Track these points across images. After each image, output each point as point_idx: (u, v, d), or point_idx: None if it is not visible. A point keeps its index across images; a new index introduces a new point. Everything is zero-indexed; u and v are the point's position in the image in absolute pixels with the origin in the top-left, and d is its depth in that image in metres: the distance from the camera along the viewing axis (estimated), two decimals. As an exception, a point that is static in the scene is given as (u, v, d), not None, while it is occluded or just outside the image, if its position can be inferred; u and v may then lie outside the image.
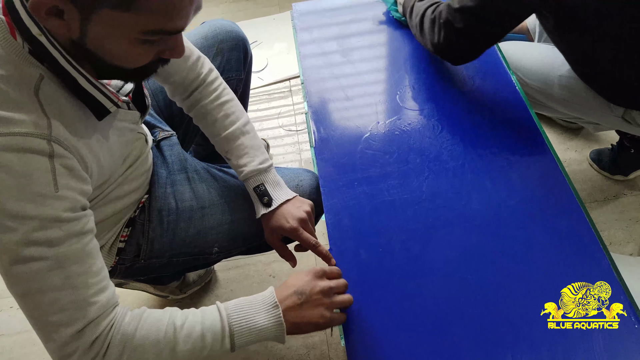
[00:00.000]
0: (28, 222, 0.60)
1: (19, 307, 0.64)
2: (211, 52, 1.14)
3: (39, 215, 0.60)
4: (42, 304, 0.62)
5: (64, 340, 0.63)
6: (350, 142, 1.06)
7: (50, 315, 0.63)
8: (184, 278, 1.39)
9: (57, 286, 0.62)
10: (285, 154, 1.73)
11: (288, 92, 1.97)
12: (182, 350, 0.69)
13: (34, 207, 0.60)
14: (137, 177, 0.92)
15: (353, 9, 1.36)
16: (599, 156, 1.60)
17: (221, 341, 0.71)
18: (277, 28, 2.23)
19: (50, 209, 0.61)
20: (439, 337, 0.79)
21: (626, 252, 1.43)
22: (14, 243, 0.60)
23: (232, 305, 0.75)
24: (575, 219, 0.89)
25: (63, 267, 0.63)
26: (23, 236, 0.60)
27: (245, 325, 0.73)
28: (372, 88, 1.17)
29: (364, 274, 0.86)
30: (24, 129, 0.60)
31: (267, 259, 1.49)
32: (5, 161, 0.58)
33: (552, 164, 0.98)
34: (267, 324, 0.74)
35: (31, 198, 0.60)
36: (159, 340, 0.68)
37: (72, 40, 0.62)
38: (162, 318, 0.70)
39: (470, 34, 1.02)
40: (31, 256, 0.61)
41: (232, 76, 1.18)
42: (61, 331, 0.63)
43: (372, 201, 0.96)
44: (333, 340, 1.32)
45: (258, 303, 0.76)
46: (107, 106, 0.69)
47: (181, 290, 1.39)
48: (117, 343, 0.66)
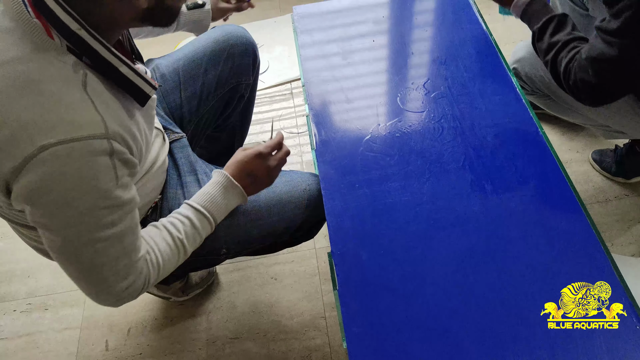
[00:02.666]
0: (96, 213, 0.67)
1: (21, 311, 0.66)
2: (222, 56, 1.16)
3: (105, 206, 0.68)
4: (102, 272, 0.73)
5: (118, 290, 0.75)
6: (351, 144, 1.06)
7: (109, 277, 0.73)
8: (187, 280, 1.40)
9: (116, 257, 0.72)
10: (286, 157, 1.74)
11: (289, 94, 1.98)
12: (188, 248, 0.87)
13: (101, 201, 0.67)
14: (157, 176, 0.96)
15: (353, 12, 1.37)
16: (600, 157, 1.60)
17: (209, 227, 0.90)
18: (278, 31, 2.23)
19: (114, 199, 0.69)
20: (440, 338, 0.79)
21: (628, 253, 1.43)
22: (83, 232, 0.68)
23: (204, 201, 0.90)
24: (576, 219, 0.90)
25: (122, 241, 0.72)
26: (92, 225, 0.68)
27: (221, 209, 0.92)
28: (372, 90, 1.17)
29: (365, 276, 0.87)
30: (85, 132, 0.63)
31: (268, 261, 1.49)
32: (74, 169, 0.63)
33: (553, 165, 0.98)
34: (234, 202, 0.94)
35: (98, 194, 0.67)
36: (175, 255, 0.85)
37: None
38: (170, 241, 0.84)
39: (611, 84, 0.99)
40: (98, 238, 0.69)
41: (242, 80, 1.20)
42: (117, 285, 0.75)
43: (373, 203, 0.96)
44: (335, 343, 1.32)
45: (221, 190, 0.91)
46: (146, 91, 0.74)
47: (184, 292, 1.40)
48: (153, 273, 0.80)
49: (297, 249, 1.50)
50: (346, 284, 0.86)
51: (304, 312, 1.38)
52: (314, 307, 1.39)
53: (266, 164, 0.94)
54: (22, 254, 1.56)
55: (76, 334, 1.39)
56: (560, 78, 1.05)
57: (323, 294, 1.41)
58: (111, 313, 1.42)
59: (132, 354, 1.35)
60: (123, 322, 1.41)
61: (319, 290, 1.42)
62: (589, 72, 0.97)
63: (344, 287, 0.85)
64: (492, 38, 1.23)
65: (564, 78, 1.03)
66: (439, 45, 1.24)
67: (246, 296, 1.43)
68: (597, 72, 0.96)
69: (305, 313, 1.38)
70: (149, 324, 1.40)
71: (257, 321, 1.38)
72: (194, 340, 1.36)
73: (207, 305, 1.42)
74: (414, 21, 1.32)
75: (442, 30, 1.28)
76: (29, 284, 1.50)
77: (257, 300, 1.42)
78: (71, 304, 1.45)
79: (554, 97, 1.32)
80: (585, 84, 0.99)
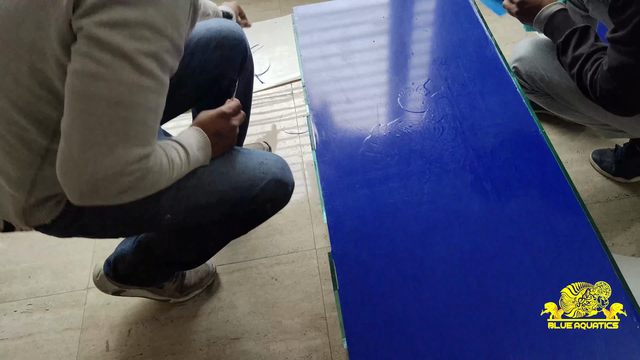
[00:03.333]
0: (162, 40, 0.67)
1: (22, 312, 0.65)
2: (211, 44, 1.16)
3: (172, 38, 0.68)
4: (130, 117, 0.68)
5: (130, 158, 0.69)
6: (351, 144, 1.06)
7: (131, 130, 0.69)
8: (182, 280, 1.40)
9: (151, 108, 0.70)
10: (287, 157, 1.74)
11: (290, 95, 1.98)
12: (182, 167, 0.86)
13: (172, 30, 0.68)
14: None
15: (353, 12, 1.37)
16: (601, 157, 1.60)
17: (187, 169, 0.88)
18: (279, 31, 2.24)
19: (179, 37, 0.70)
20: (440, 339, 0.79)
21: (628, 252, 1.43)
22: (142, 52, 0.66)
23: (187, 145, 0.88)
24: (576, 219, 0.90)
25: (161, 94, 0.71)
26: (154, 49, 0.67)
27: (195, 163, 0.91)
28: (373, 91, 1.17)
29: (366, 276, 0.87)
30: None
31: (269, 261, 1.49)
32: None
33: (553, 165, 0.98)
34: (202, 160, 0.93)
35: (172, 21, 0.68)
36: (178, 165, 0.84)
37: None
38: (171, 159, 0.82)
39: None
40: (150, 70, 0.67)
41: (227, 74, 1.21)
42: (133, 149, 0.69)
43: (374, 203, 0.96)
44: (335, 343, 1.32)
45: (200, 145, 0.92)
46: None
47: (181, 292, 1.40)
48: (165, 163, 0.78)
49: (298, 249, 1.50)
50: (346, 284, 0.86)
51: (305, 313, 1.38)
52: (315, 307, 1.39)
53: (230, 123, 0.97)
54: (22, 254, 1.56)
55: (77, 334, 1.40)
56: (587, 91, 1.05)
57: (324, 294, 1.41)
58: (112, 314, 1.42)
59: (132, 354, 1.35)
60: (124, 322, 1.41)
61: (320, 290, 1.42)
62: (612, 83, 0.97)
63: (345, 288, 0.86)
64: (492, 38, 1.23)
65: (591, 90, 1.03)
66: (439, 46, 1.24)
67: (246, 296, 1.43)
68: (620, 82, 0.97)
69: (306, 313, 1.38)
70: (149, 324, 1.40)
71: (257, 322, 1.38)
72: (195, 341, 1.36)
73: (207, 305, 1.42)
74: (414, 22, 1.32)
75: (442, 30, 1.28)
76: (30, 284, 1.50)
77: (257, 301, 1.42)
78: (72, 304, 1.45)
79: (554, 95, 1.33)
80: (611, 94, 0.99)
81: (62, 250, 1.57)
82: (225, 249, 1.53)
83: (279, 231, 1.56)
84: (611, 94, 0.99)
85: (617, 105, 1.02)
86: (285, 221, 1.58)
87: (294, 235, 1.55)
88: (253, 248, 1.53)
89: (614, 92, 0.98)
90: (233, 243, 1.54)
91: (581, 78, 1.06)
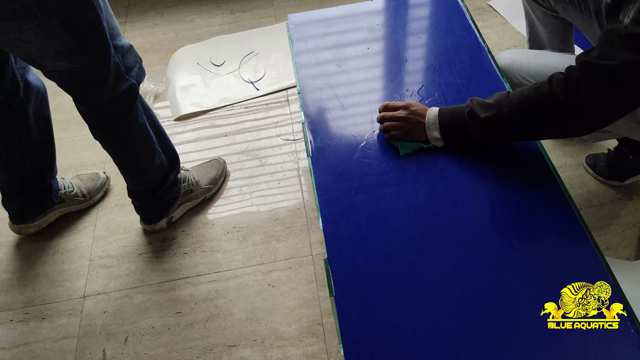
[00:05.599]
0: None
1: (18, 321, 0.65)
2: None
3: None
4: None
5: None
6: (346, 150, 1.07)
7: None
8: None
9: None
10: (282, 163, 1.74)
11: (285, 101, 1.99)
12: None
13: None
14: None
15: (347, 19, 1.38)
16: (594, 161, 1.61)
17: None
18: (274, 39, 2.25)
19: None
20: (437, 343, 0.79)
21: (623, 256, 1.44)
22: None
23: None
24: (569, 224, 0.90)
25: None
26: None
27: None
28: (367, 97, 1.18)
29: (361, 282, 0.87)
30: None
31: (265, 268, 1.49)
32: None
33: (546, 170, 0.99)
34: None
35: None
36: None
37: None
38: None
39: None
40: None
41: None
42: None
43: (369, 209, 0.96)
44: (332, 349, 1.32)
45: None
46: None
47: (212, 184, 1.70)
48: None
49: (295, 256, 1.50)
50: (342, 290, 0.86)
51: (302, 319, 1.38)
52: (312, 313, 1.39)
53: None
54: (19, 263, 1.56)
55: (73, 343, 1.39)
56: (570, 109, 0.88)
57: (320, 301, 1.41)
58: (108, 322, 1.42)
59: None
60: (120, 330, 1.40)
61: (316, 296, 1.42)
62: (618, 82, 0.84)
63: (341, 294, 0.86)
64: (486, 45, 1.24)
65: (577, 101, 0.86)
66: (433, 52, 1.25)
67: (243, 303, 1.43)
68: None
69: (303, 320, 1.38)
70: (146, 332, 1.40)
71: (254, 328, 1.38)
72: (191, 348, 1.36)
73: (204, 313, 1.42)
74: (408, 28, 1.33)
75: (436, 37, 1.29)
76: (26, 293, 1.49)
77: (254, 307, 1.42)
78: (68, 313, 1.45)
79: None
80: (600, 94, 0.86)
81: (58, 259, 1.56)
82: (222, 256, 1.53)
83: (275, 238, 1.56)
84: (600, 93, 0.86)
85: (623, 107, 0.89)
86: (281, 228, 1.58)
87: (290, 242, 1.55)
88: (249, 255, 1.53)
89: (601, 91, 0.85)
90: (229, 250, 1.54)
91: (543, 108, 0.90)
